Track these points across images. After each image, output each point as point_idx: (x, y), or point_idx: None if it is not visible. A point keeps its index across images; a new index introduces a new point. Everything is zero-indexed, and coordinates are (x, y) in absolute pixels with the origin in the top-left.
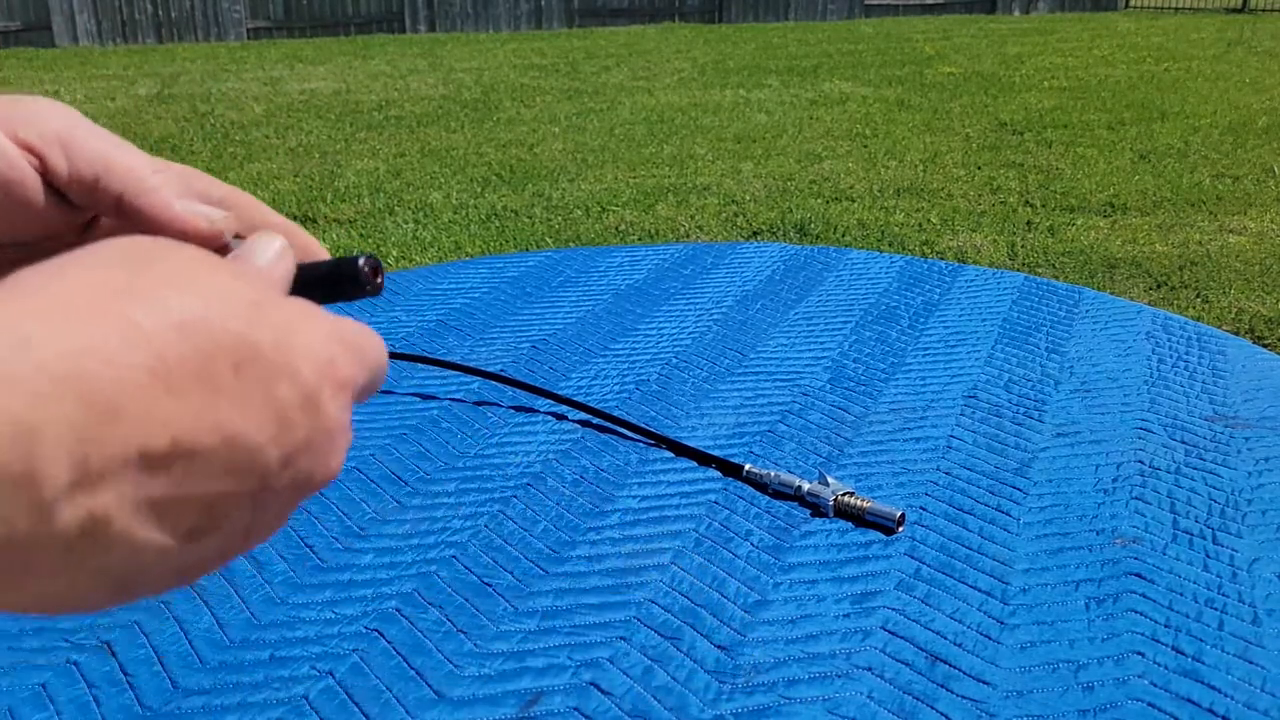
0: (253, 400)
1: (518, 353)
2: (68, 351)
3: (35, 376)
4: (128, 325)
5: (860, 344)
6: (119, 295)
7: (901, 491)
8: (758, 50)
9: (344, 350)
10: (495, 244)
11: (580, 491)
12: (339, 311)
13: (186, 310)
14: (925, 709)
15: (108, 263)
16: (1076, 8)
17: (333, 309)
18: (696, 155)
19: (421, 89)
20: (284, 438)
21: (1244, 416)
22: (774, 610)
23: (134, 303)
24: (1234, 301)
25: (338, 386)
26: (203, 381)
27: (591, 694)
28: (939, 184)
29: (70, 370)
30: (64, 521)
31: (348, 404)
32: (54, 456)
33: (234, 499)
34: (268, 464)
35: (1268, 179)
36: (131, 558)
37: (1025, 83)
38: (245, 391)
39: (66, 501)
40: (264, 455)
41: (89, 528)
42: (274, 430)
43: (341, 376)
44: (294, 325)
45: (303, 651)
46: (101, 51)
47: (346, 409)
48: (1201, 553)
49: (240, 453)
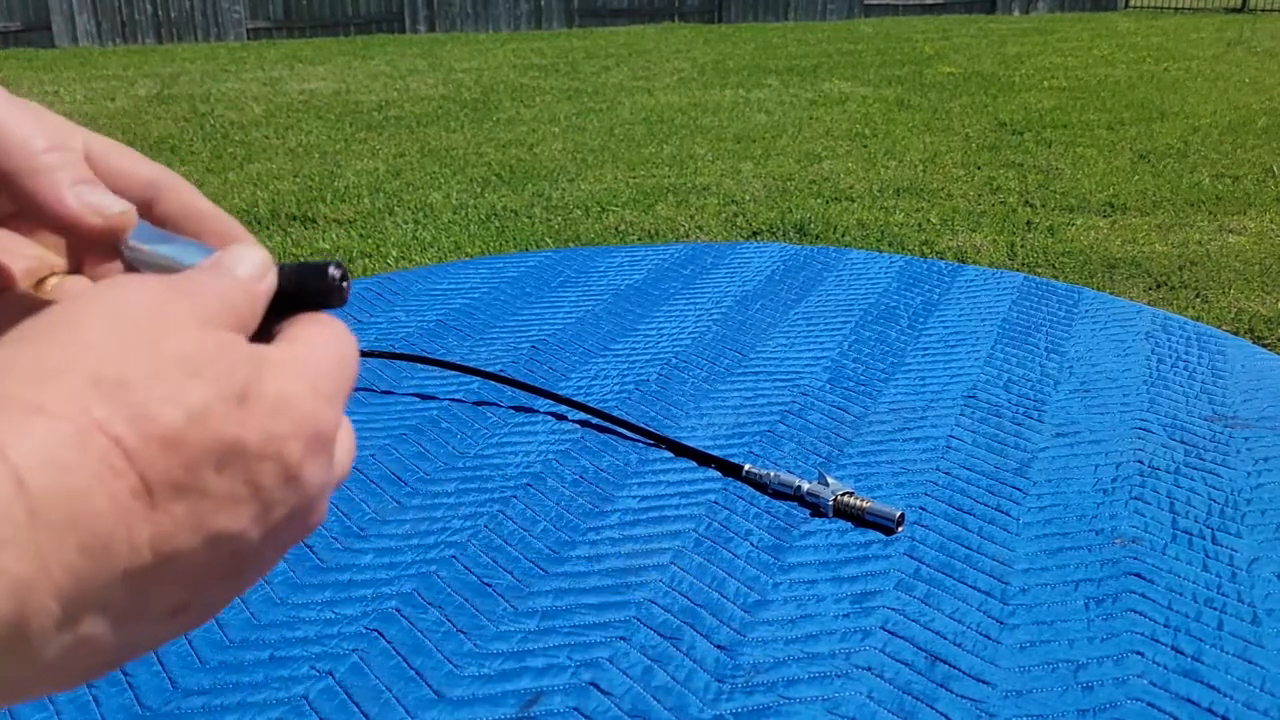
0: (236, 495)
1: (517, 353)
2: (61, 494)
3: (34, 530)
4: (109, 446)
5: (860, 344)
6: (103, 399)
7: (901, 491)
8: (757, 50)
9: (325, 404)
10: (495, 244)
11: (580, 491)
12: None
13: (172, 420)
14: (925, 709)
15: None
16: (1076, 8)
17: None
18: (696, 155)
19: (421, 89)
20: (266, 518)
21: (1243, 416)
22: (774, 610)
23: (117, 411)
24: (1233, 301)
25: (319, 449)
26: (187, 492)
27: (591, 694)
28: (939, 184)
29: (66, 517)
30: (48, 653)
31: (330, 459)
32: (45, 604)
33: (215, 576)
34: (250, 546)
35: (1267, 179)
36: (108, 655)
37: (1025, 83)
38: (228, 489)
39: (53, 637)
40: (246, 538)
41: (70, 649)
42: (256, 516)
43: (324, 437)
44: (280, 405)
45: (302, 651)
46: (101, 52)
47: (328, 463)
48: (1201, 553)
49: (223, 545)
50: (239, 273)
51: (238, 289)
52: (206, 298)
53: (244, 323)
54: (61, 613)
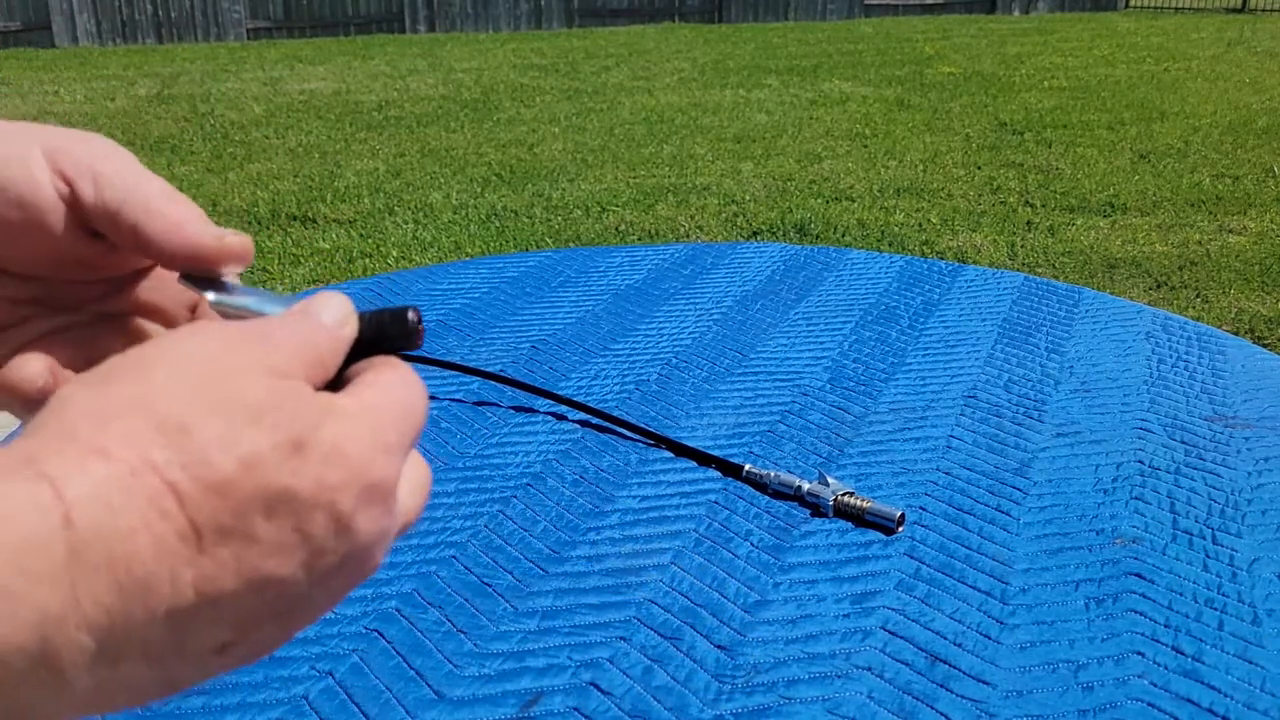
0: (284, 542)
1: (517, 353)
2: (105, 534)
3: (71, 565)
4: (162, 490)
5: (860, 344)
6: (162, 444)
7: (901, 491)
8: (757, 50)
9: (384, 453)
10: (495, 244)
11: (580, 491)
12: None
13: (225, 467)
14: (925, 709)
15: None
16: (1076, 8)
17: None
18: (696, 155)
19: (421, 89)
20: (315, 565)
21: (1244, 416)
22: (774, 610)
23: (173, 457)
24: (1234, 301)
25: (374, 500)
26: (234, 536)
27: (591, 694)
28: (939, 184)
29: (105, 557)
30: (80, 685)
31: (389, 509)
32: (76, 639)
33: (261, 619)
34: (298, 591)
35: (1267, 179)
36: (150, 689)
37: (1025, 83)
38: (276, 536)
39: (86, 670)
40: (294, 585)
41: (105, 681)
42: (304, 563)
43: (380, 488)
44: (336, 454)
45: (302, 651)
46: (101, 52)
47: (387, 514)
48: (1201, 553)
49: (268, 590)
50: (324, 319)
51: (321, 334)
52: (279, 344)
53: (324, 367)
54: (96, 647)
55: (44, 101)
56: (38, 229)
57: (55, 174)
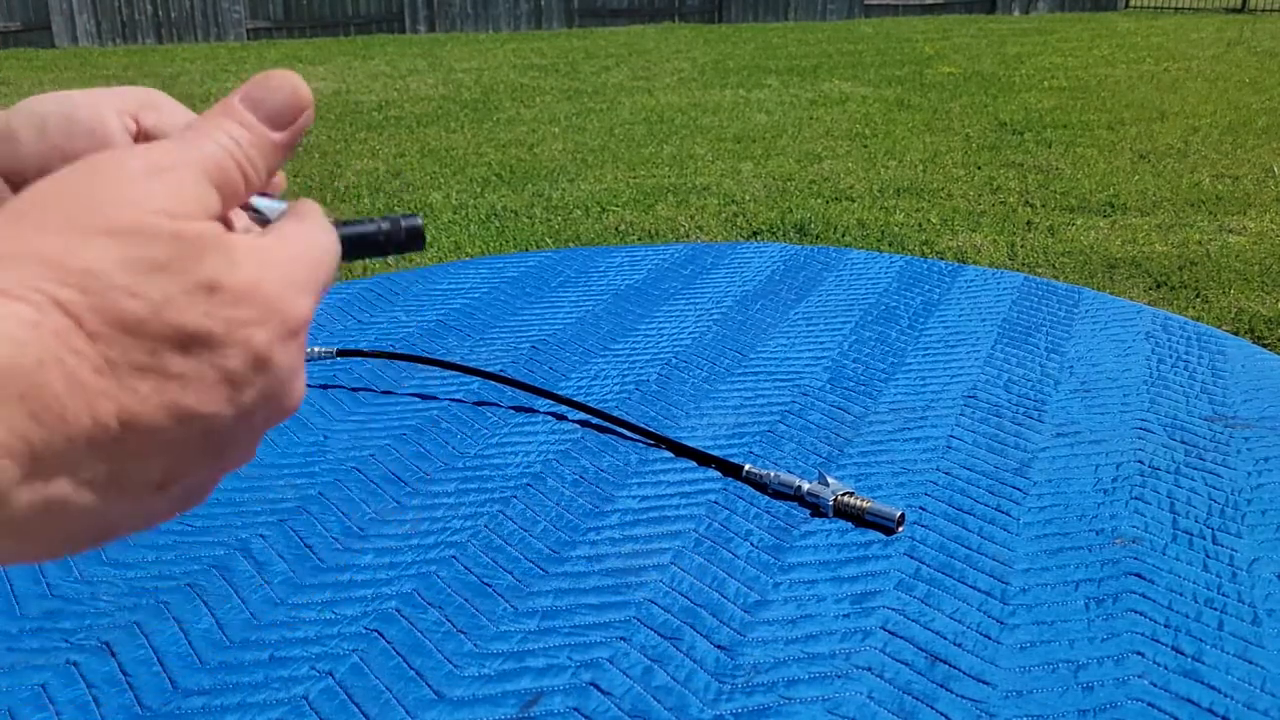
0: (203, 376)
1: (517, 353)
2: (12, 369)
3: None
4: (70, 328)
5: (860, 344)
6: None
7: (901, 491)
8: (757, 50)
9: (296, 292)
10: (495, 244)
11: (580, 492)
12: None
13: (137, 309)
14: (925, 709)
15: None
16: (1076, 8)
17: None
18: (696, 155)
19: (421, 89)
20: (237, 399)
21: (1244, 416)
22: (774, 610)
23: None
24: (1234, 301)
25: (290, 335)
26: (149, 371)
27: (591, 694)
28: (939, 184)
29: (16, 390)
30: (19, 505)
31: (302, 343)
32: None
33: (194, 455)
34: (224, 424)
35: (1267, 179)
36: (96, 520)
37: (1025, 83)
38: (195, 371)
39: (21, 489)
40: (218, 419)
41: (46, 507)
42: (226, 397)
43: (295, 323)
44: (249, 293)
45: (302, 652)
46: (101, 52)
47: (299, 348)
48: (1201, 553)
49: (194, 423)
50: (247, 122)
51: (232, 150)
52: (184, 183)
53: (243, 182)
54: (19, 472)
55: None
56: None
57: (121, 112)
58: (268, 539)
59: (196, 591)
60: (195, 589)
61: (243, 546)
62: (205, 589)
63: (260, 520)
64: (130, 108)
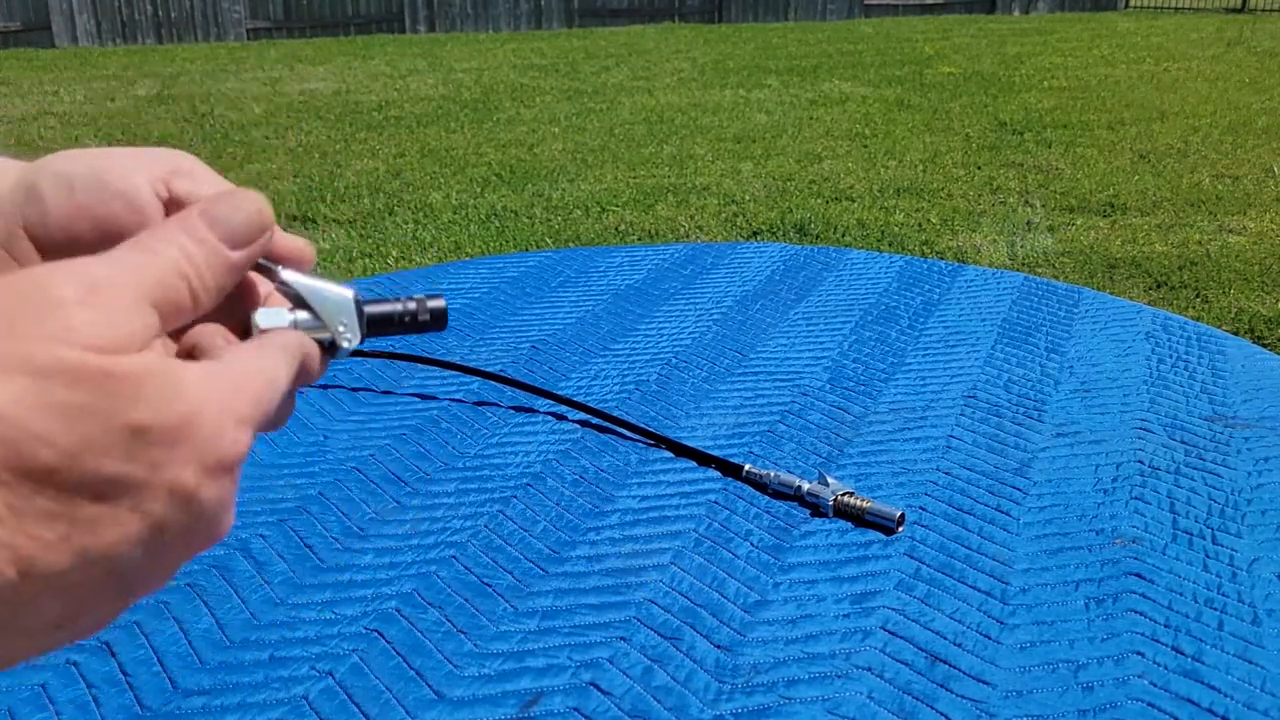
0: (118, 521)
1: (517, 353)
2: None
3: None
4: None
5: (860, 344)
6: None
7: (901, 491)
8: (757, 50)
9: (236, 424)
10: (495, 244)
11: (580, 492)
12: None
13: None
14: (925, 709)
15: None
16: (1076, 8)
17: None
18: (696, 155)
19: (421, 89)
20: (154, 540)
21: (1244, 416)
22: (774, 610)
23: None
24: (1234, 301)
25: (223, 470)
26: (58, 519)
27: (591, 694)
28: (939, 184)
29: None
30: None
31: (235, 477)
32: None
33: (98, 594)
34: (134, 564)
35: (1267, 179)
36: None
37: (1025, 83)
38: (109, 515)
39: None
40: (130, 559)
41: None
42: (142, 539)
43: (229, 458)
44: (181, 432)
45: (303, 652)
46: (101, 52)
47: (232, 483)
48: (1201, 553)
49: (98, 564)
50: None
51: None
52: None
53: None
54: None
55: (44, 102)
56: (138, 224)
57: (153, 179)
58: (268, 539)
59: (196, 591)
60: (195, 589)
61: (243, 546)
62: (205, 589)
63: (260, 520)
64: (161, 173)
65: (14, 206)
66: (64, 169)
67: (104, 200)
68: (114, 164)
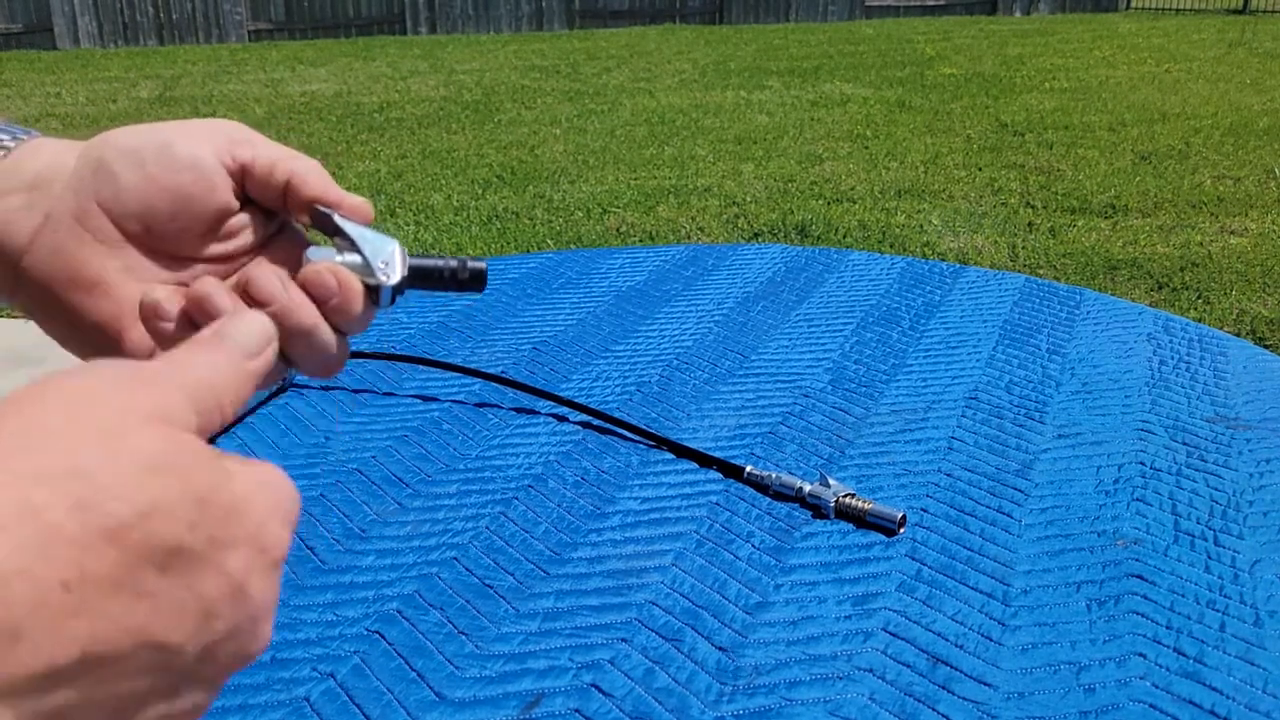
0: (176, 601)
1: (519, 354)
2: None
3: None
4: (48, 531)
5: (861, 345)
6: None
7: (903, 493)
8: (759, 51)
9: (280, 522)
10: (496, 245)
11: (581, 493)
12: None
13: (121, 513)
14: (926, 710)
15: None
16: (1077, 9)
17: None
18: (697, 157)
19: (422, 90)
20: (206, 632)
21: (1245, 418)
22: (775, 612)
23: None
24: (1235, 303)
25: (270, 565)
26: (123, 589)
27: (592, 696)
28: (940, 185)
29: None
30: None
31: (277, 578)
32: None
33: (147, 695)
34: (185, 660)
35: (1269, 180)
36: None
37: (1026, 84)
38: (169, 593)
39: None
40: (182, 653)
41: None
42: (195, 627)
43: (275, 551)
44: (238, 511)
45: (304, 653)
46: (103, 54)
47: (275, 584)
48: (1203, 554)
49: (156, 654)
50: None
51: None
52: (172, 396)
53: (221, 410)
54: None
55: (46, 103)
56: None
57: (218, 149)
58: None
59: None
60: None
61: None
62: None
63: None
64: (224, 143)
65: (83, 183)
66: (132, 144)
67: (175, 172)
68: (178, 137)
